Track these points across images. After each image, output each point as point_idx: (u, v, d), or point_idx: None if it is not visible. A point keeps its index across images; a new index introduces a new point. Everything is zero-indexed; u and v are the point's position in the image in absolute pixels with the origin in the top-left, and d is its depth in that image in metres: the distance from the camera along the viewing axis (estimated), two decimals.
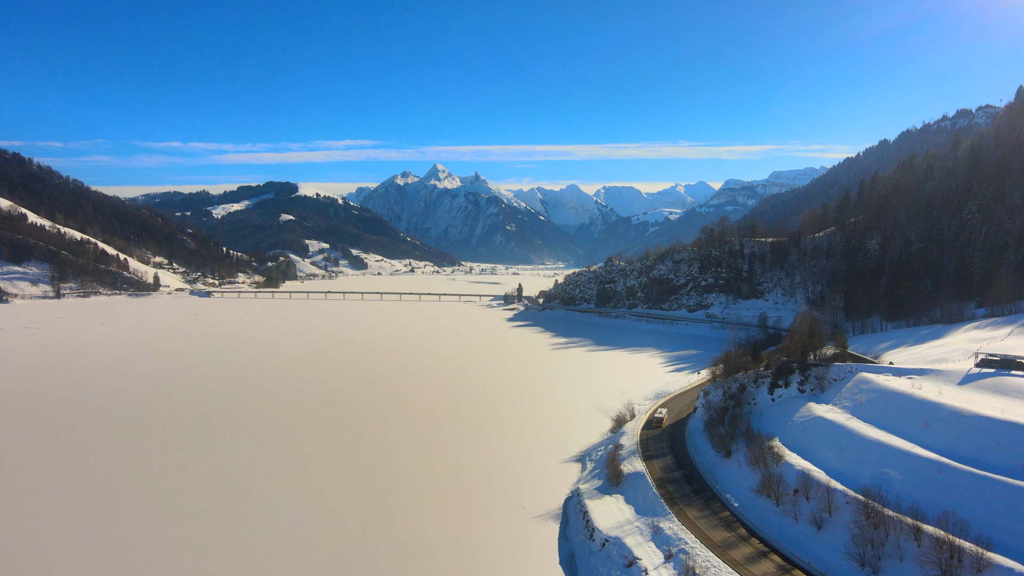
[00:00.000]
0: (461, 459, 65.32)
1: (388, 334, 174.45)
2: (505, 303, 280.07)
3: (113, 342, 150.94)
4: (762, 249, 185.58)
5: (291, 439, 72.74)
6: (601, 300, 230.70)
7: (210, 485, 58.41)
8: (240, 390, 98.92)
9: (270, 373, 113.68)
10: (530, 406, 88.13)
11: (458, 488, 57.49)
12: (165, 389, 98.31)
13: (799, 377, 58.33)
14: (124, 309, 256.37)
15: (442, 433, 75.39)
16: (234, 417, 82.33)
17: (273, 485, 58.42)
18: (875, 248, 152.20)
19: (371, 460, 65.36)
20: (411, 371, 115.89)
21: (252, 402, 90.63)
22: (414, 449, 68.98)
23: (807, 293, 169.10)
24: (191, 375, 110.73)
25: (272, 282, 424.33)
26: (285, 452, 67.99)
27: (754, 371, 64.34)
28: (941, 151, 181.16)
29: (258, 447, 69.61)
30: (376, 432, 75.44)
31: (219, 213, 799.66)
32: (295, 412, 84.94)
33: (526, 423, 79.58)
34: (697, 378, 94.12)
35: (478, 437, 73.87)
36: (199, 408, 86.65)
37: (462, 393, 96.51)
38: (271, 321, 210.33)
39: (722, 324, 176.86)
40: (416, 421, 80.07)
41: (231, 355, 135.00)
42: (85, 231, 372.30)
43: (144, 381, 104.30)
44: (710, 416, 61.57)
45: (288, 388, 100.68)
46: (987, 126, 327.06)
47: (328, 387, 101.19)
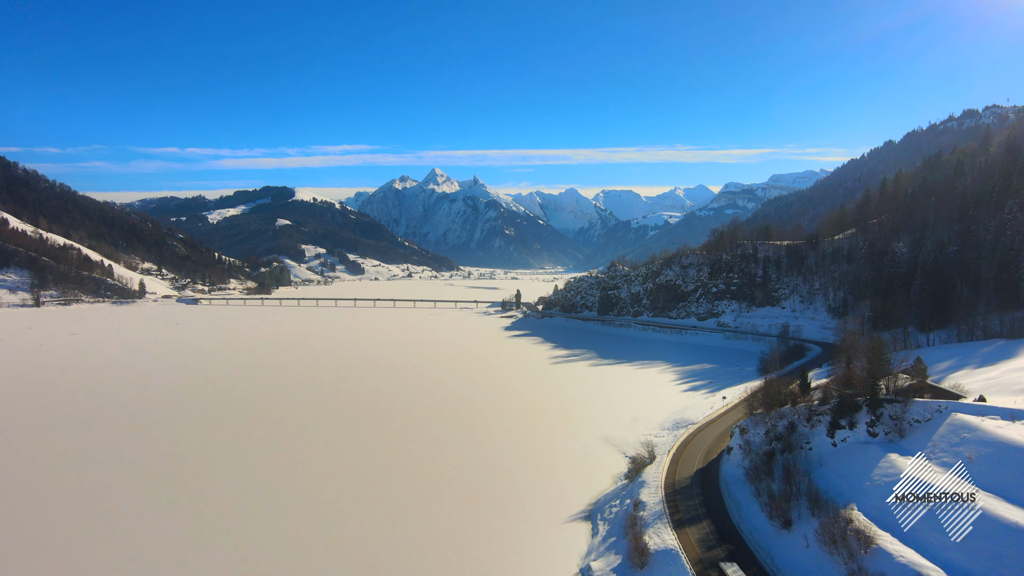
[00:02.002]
0: (441, 522, 52.02)
1: (372, 346, 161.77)
2: (503, 310, 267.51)
3: (76, 356, 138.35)
4: (777, 253, 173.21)
5: (241, 477, 60.26)
6: (604, 307, 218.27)
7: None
8: (203, 411, 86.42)
9: (232, 391, 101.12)
10: (527, 439, 75.29)
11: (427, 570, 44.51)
12: (121, 411, 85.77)
13: (867, 416, 45.84)
14: (103, 318, 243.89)
15: (417, 480, 62.67)
16: (191, 448, 69.80)
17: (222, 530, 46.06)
18: (903, 251, 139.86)
19: (311, 528, 52.60)
20: (388, 394, 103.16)
21: (213, 426, 78.15)
22: (365, 522, 53.09)
23: (828, 300, 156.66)
24: (152, 393, 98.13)
25: (264, 288, 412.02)
26: (234, 496, 55.52)
27: (804, 405, 51.82)
28: (970, 146, 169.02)
29: (207, 489, 57.13)
30: (319, 493, 61.37)
31: (215, 218, 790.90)
32: (246, 439, 72.45)
33: (522, 463, 66.81)
34: (721, 404, 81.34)
35: (464, 483, 61.16)
36: (158, 431, 74.22)
37: (448, 423, 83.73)
38: (251, 331, 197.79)
39: (735, 334, 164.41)
40: (380, 467, 67.14)
41: (198, 371, 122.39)
42: (70, 236, 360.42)
43: (95, 406, 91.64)
44: (752, 463, 49.10)
45: (243, 409, 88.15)
46: (995, 125, 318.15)
47: (284, 413, 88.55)
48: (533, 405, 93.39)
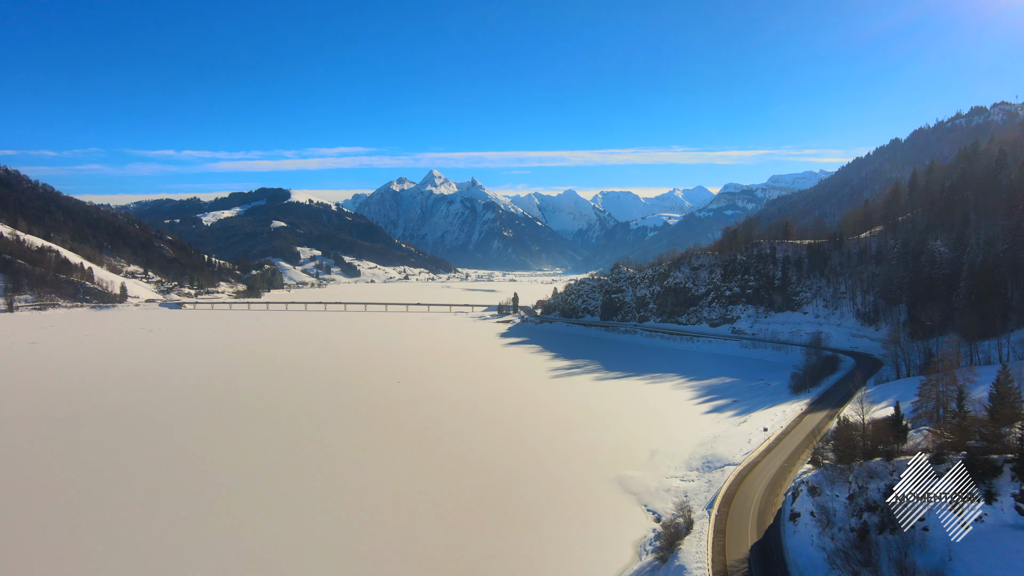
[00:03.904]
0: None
1: (352, 358, 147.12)
2: (499, 314, 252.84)
3: (26, 367, 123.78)
4: (797, 253, 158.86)
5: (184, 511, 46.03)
6: (607, 312, 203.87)
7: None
8: (141, 434, 72.06)
9: (178, 411, 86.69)
10: (522, 482, 60.64)
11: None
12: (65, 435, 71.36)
13: (1014, 485, 31.54)
14: (74, 323, 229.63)
15: (381, 544, 48.28)
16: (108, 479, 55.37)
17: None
18: (942, 250, 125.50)
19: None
20: (359, 420, 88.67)
21: (143, 450, 63.83)
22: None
23: (855, 305, 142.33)
24: (89, 417, 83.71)
25: (254, 291, 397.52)
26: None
27: (905, 458, 37.44)
28: (1010, 135, 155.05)
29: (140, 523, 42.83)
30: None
31: (209, 220, 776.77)
32: (171, 466, 58.16)
33: (515, 519, 52.38)
34: (760, 437, 66.33)
35: (440, 553, 46.80)
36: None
37: (426, 456, 69.32)
38: (224, 338, 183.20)
39: (752, 342, 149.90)
40: (339, 523, 52.89)
41: (149, 387, 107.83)
42: (50, 238, 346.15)
43: (38, 425, 77.21)
44: (837, 545, 34.76)
45: (177, 433, 73.80)
46: (1004, 122, 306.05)
47: (224, 442, 74.14)
48: (530, 434, 78.75)
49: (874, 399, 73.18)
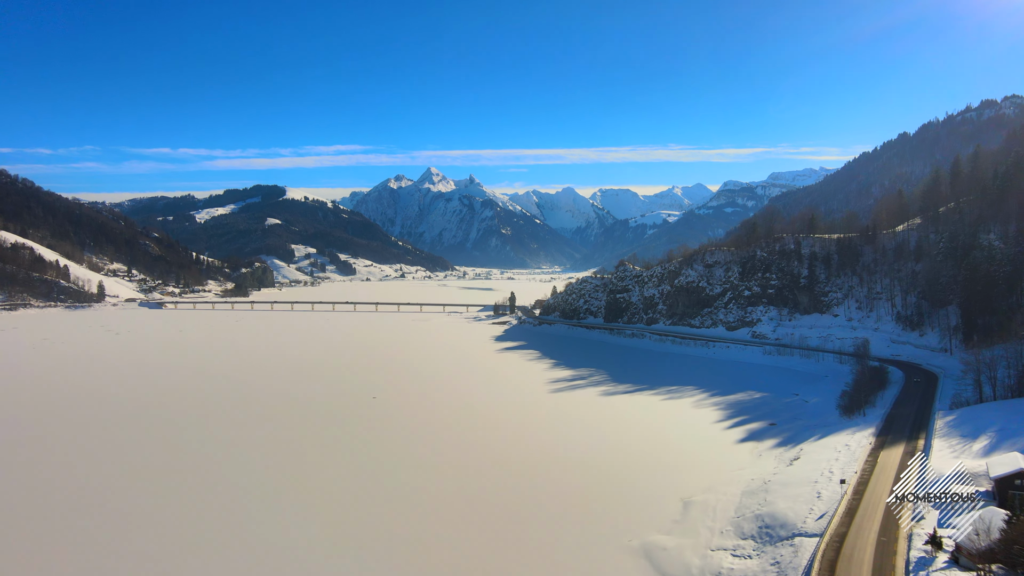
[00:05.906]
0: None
1: (331, 365, 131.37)
2: (495, 315, 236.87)
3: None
4: (825, 248, 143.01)
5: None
6: (611, 313, 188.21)
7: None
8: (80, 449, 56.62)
9: (123, 429, 71.20)
10: (507, 561, 44.95)
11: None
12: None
13: None
14: (42, 324, 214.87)
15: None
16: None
17: None
18: (997, 244, 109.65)
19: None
20: (322, 450, 73.07)
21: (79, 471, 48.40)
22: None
23: (894, 307, 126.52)
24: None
25: (242, 290, 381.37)
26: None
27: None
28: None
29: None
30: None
31: (203, 218, 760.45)
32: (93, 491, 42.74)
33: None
34: (836, 491, 49.58)
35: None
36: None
37: (396, 504, 53.67)
38: (196, 341, 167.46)
39: (777, 348, 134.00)
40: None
41: (93, 400, 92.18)
42: (27, 235, 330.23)
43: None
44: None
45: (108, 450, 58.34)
46: (1015, 116, 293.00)
47: (159, 462, 58.66)
48: (524, 473, 62.62)
49: (964, 433, 57.58)
